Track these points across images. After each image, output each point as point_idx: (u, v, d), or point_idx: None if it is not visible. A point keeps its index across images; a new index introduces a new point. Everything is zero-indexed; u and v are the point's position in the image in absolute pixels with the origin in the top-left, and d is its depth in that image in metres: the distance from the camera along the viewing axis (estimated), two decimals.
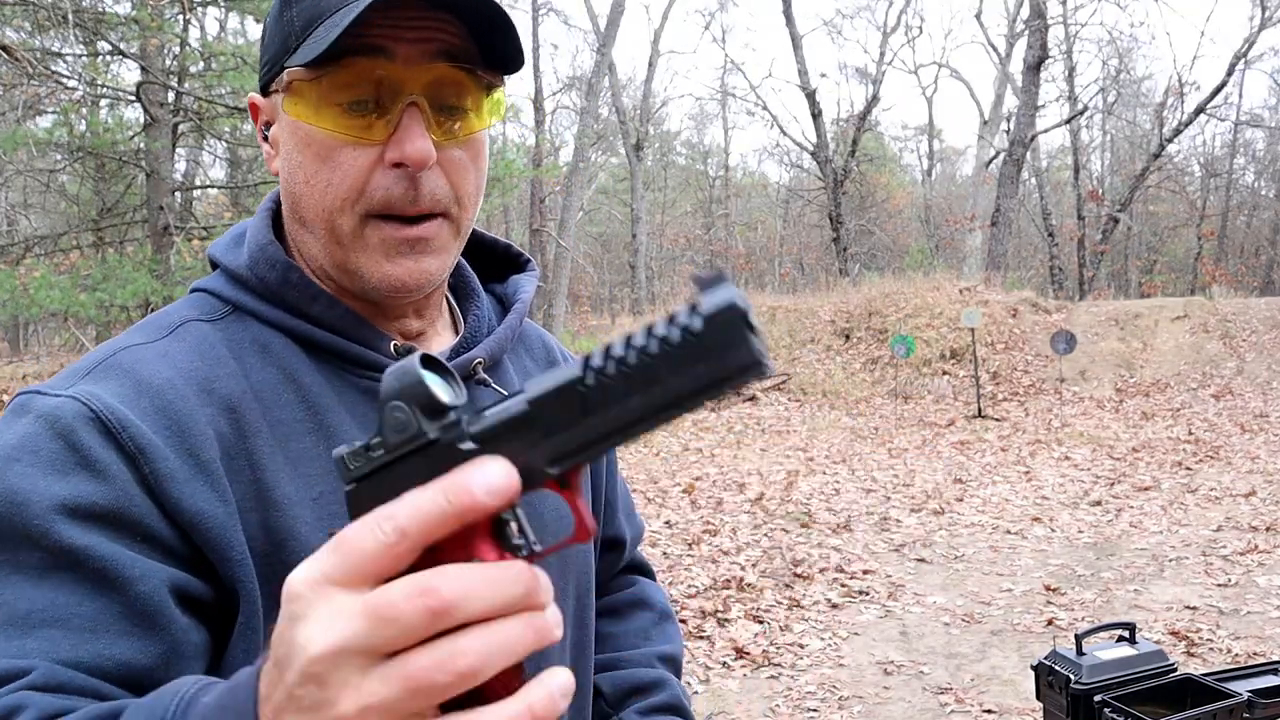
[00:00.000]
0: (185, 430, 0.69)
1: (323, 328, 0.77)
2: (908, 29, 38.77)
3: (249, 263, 0.78)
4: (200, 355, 0.73)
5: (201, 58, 11.07)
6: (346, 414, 0.76)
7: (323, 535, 0.64)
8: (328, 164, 0.74)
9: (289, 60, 0.73)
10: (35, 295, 8.33)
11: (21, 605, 0.63)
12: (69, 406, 0.67)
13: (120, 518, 0.65)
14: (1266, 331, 14.62)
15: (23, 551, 0.64)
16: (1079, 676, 1.19)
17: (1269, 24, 21.26)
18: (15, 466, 0.65)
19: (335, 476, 0.72)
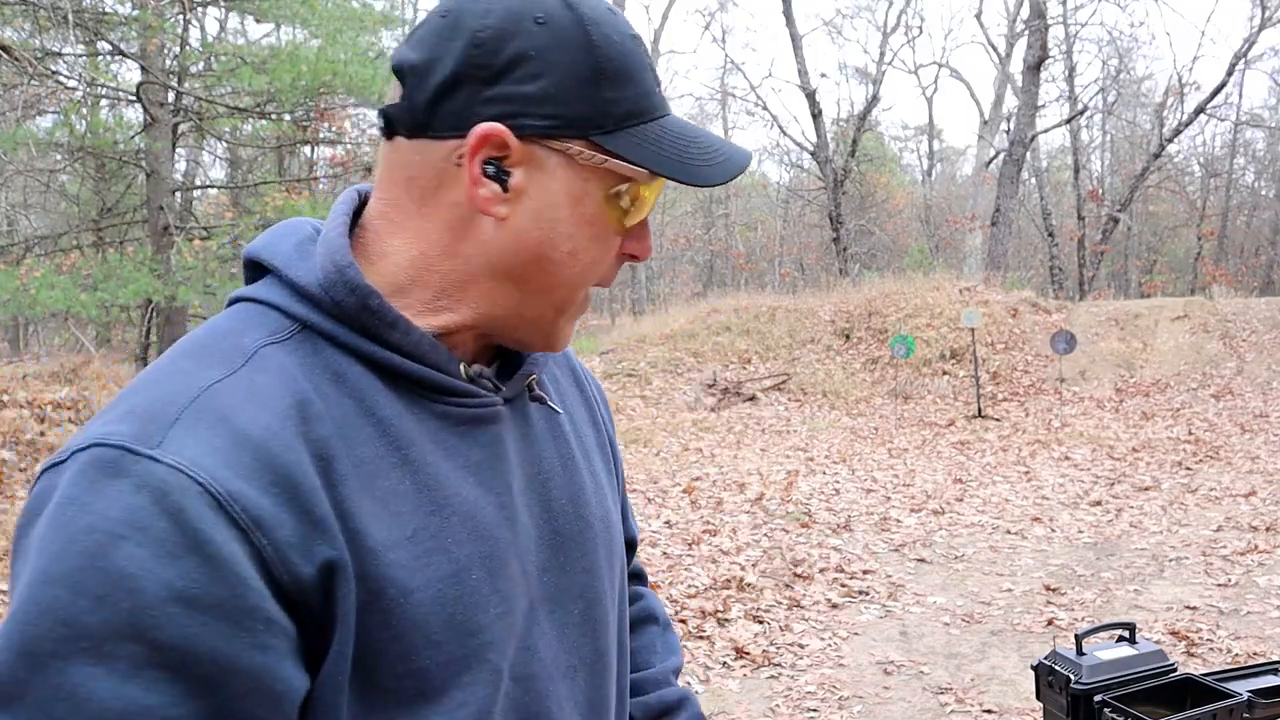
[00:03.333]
0: (295, 487, 0.64)
1: (402, 354, 0.73)
2: (908, 29, 38.78)
3: (323, 281, 0.72)
4: (288, 391, 0.68)
5: (201, 58, 11.08)
6: (428, 443, 0.73)
7: (417, 576, 0.68)
8: (600, 244, 0.75)
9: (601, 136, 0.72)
10: (36, 295, 8.34)
11: (115, 705, 0.58)
12: (175, 481, 0.60)
13: (236, 608, 0.61)
14: (1266, 331, 14.62)
15: (123, 642, 0.58)
16: (1079, 676, 1.19)
17: (1269, 24, 21.26)
18: (124, 546, 0.59)
19: (426, 511, 0.70)
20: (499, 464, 0.77)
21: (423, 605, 0.68)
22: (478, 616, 0.71)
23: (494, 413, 0.78)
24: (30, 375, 8.20)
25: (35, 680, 0.58)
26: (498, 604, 0.73)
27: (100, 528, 0.59)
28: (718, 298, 19.40)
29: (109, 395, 8.08)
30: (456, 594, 0.70)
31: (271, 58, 9.36)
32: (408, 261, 0.75)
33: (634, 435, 11.03)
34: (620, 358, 15.19)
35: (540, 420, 0.84)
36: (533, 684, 0.76)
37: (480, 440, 0.76)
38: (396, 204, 0.75)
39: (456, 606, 0.70)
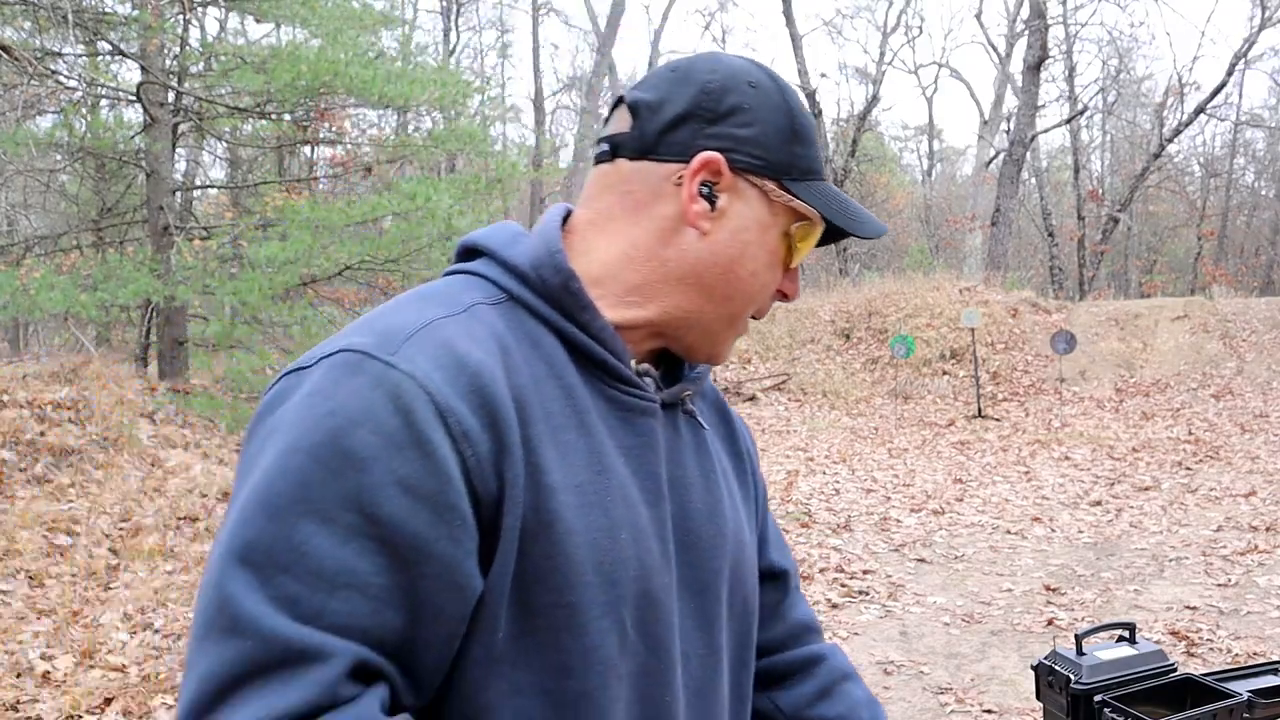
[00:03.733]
0: (496, 414, 0.75)
1: (589, 336, 0.85)
2: (908, 29, 38.78)
3: (532, 261, 0.85)
4: (495, 341, 0.80)
5: (201, 58, 11.07)
6: (597, 416, 0.83)
7: (580, 520, 0.79)
8: (770, 271, 0.90)
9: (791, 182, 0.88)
10: (36, 296, 8.32)
11: (330, 563, 0.68)
12: (407, 385, 0.72)
13: (442, 502, 0.72)
14: (1266, 331, 14.62)
15: (343, 510, 0.69)
16: (1079, 676, 1.19)
17: (1269, 24, 21.26)
18: (359, 432, 0.70)
19: (593, 470, 0.81)
20: (649, 453, 0.87)
21: (581, 547, 0.78)
22: (619, 572, 0.80)
23: (652, 408, 0.88)
24: (30, 375, 8.20)
25: (270, 529, 0.69)
26: (635, 568, 0.81)
27: (341, 413, 0.71)
28: None
29: (109, 395, 8.08)
30: (608, 546, 0.80)
31: (271, 58, 9.35)
32: (610, 258, 0.88)
33: None
34: None
35: (688, 433, 0.94)
36: (662, 654, 0.84)
37: (637, 429, 0.86)
38: (607, 213, 0.89)
39: (605, 557, 0.79)
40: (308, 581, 0.68)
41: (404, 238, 10.23)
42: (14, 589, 4.72)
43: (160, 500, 6.31)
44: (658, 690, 0.84)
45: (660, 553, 0.85)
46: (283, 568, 0.68)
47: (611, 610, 0.79)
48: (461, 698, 0.77)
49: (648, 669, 0.83)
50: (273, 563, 0.68)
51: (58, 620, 4.32)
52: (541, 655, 0.77)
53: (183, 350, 10.51)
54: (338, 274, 10.85)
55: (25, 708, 3.51)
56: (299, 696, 0.66)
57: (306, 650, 0.67)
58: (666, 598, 0.85)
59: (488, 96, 17.21)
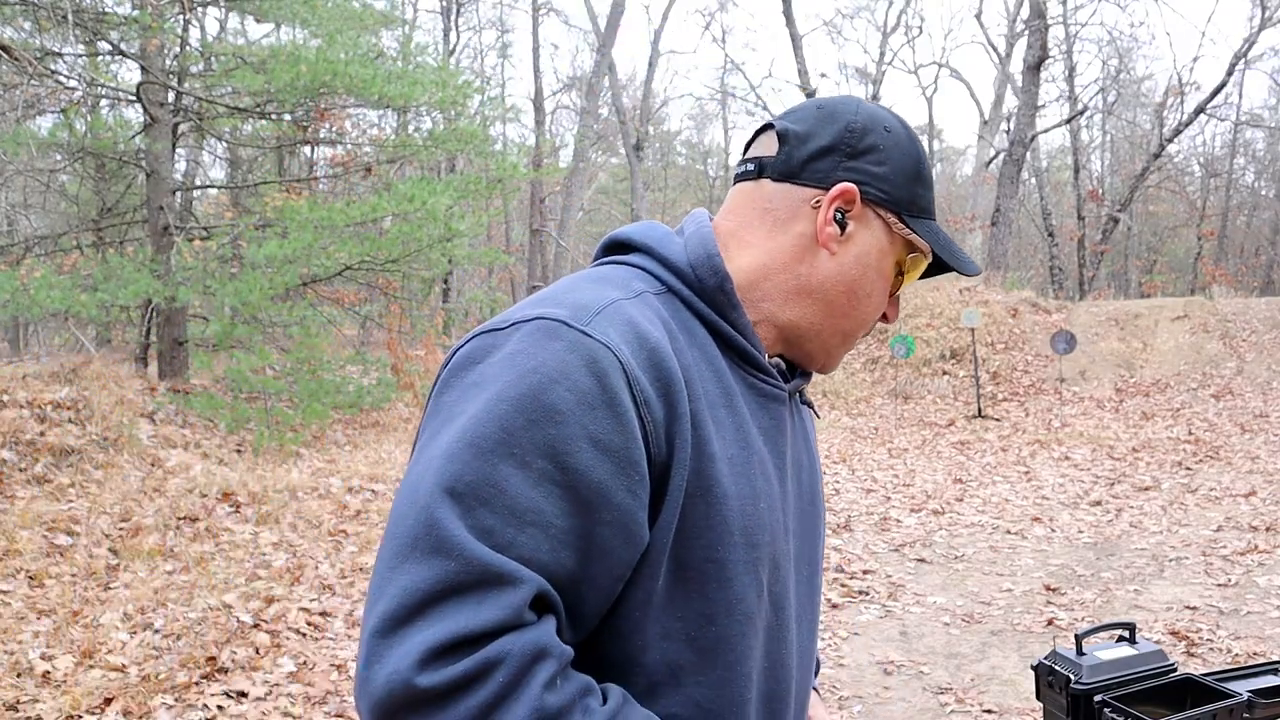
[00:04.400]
0: (670, 387, 0.85)
1: (735, 330, 0.96)
2: (908, 29, 38.78)
3: (690, 260, 0.96)
4: (663, 324, 0.90)
5: (202, 58, 11.07)
6: (741, 399, 0.94)
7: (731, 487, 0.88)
8: (878, 296, 1.01)
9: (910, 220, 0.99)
10: (36, 296, 8.32)
11: (522, 501, 0.78)
12: (602, 352, 0.82)
13: (625, 458, 0.81)
14: (1266, 331, 14.62)
15: (538, 456, 0.78)
16: (1079, 676, 1.19)
17: (1269, 24, 21.25)
18: (557, 389, 0.80)
19: (739, 445, 0.91)
20: (779, 436, 0.98)
21: (732, 511, 0.88)
22: (759, 535, 0.91)
23: (783, 396, 1.00)
24: (30, 375, 8.20)
25: (475, 465, 0.78)
26: (770, 533, 0.93)
27: (542, 371, 0.80)
28: None
29: (109, 395, 8.07)
30: (751, 512, 0.90)
31: (271, 58, 9.35)
32: (751, 268, 0.99)
33: None
34: None
35: (801, 423, 1.07)
36: (782, 612, 0.96)
37: (771, 413, 0.98)
38: (749, 226, 1.00)
39: (750, 521, 0.90)
40: (503, 516, 0.77)
41: (404, 238, 10.23)
42: (14, 589, 4.72)
43: (160, 500, 6.31)
44: (778, 646, 0.96)
45: (784, 524, 0.97)
46: (483, 501, 0.77)
47: (752, 569, 0.90)
48: (619, 636, 0.86)
49: (772, 625, 0.95)
50: (476, 496, 0.77)
51: (58, 620, 4.32)
52: (690, 604, 0.87)
53: (183, 350, 10.51)
54: (338, 274, 10.85)
55: (25, 708, 3.51)
56: (492, 615, 0.74)
57: (502, 575, 0.75)
58: (787, 563, 0.97)
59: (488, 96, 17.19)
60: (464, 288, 22.22)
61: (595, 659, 0.87)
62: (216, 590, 4.81)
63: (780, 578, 0.95)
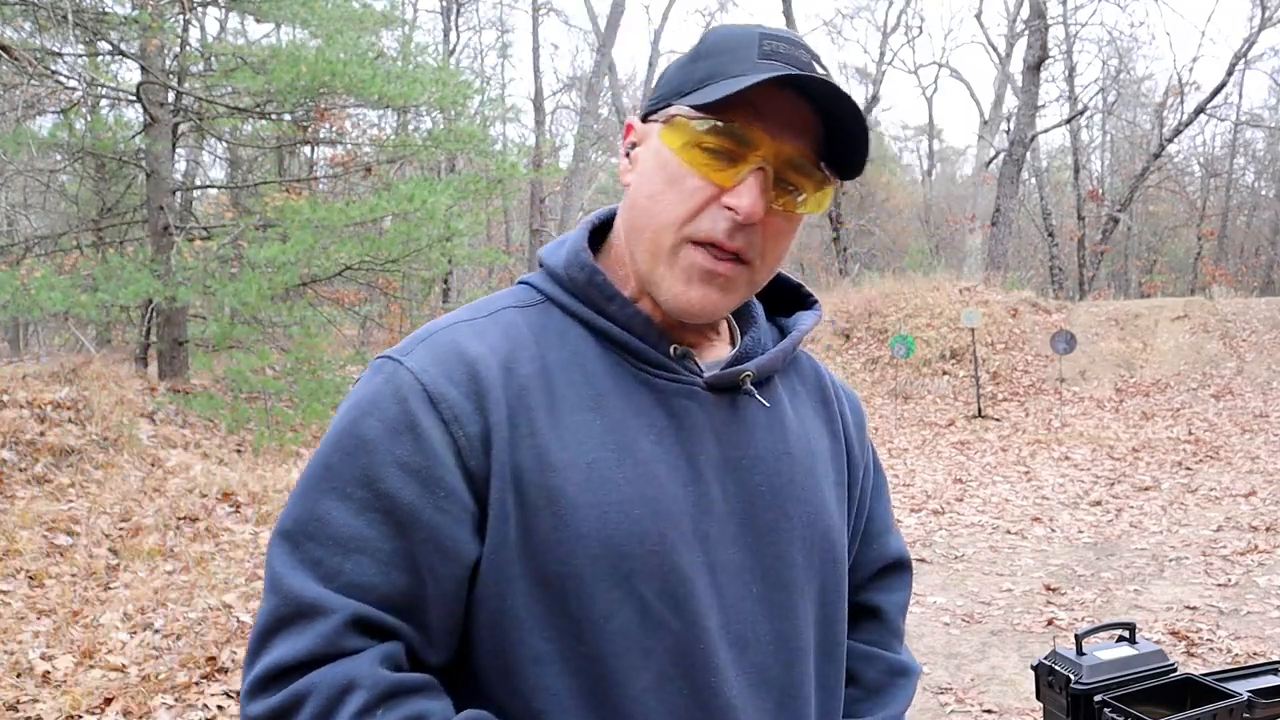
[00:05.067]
0: (486, 399, 0.84)
1: (616, 324, 0.90)
2: (908, 29, 38.78)
3: (564, 263, 0.93)
4: (507, 338, 0.89)
5: (202, 57, 11.06)
6: (620, 400, 0.88)
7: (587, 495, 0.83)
8: (674, 187, 0.87)
9: (680, 100, 0.88)
10: (36, 296, 8.32)
11: (345, 530, 0.81)
12: (407, 379, 0.84)
13: (429, 477, 0.82)
14: (1266, 331, 14.61)
15: (356, 487, 0.82)
16: (1079, 676, 1.19)
17: (1269, 24, 21.25)
18: (368, 420, 0.83)
19: (608, 449, 0.85)
20: (684, 434, 0.89)
21: (587, 520, 0.83)
22: (633, 548, 0.84)
23: (689, 391, 0.91)
24: (30, 375, 8.19)
25: (302, 503, 0.83)
26: (654, 543, 0.84)
27: (359, 406, 0.85)
28: None
29: (109, 395, 8.07)
30: (618, 520, 0.84)
31: (271, 58, 9.34)
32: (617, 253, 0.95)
33: None
34: None
35: (759, 415, 0.95)
36: (697, 635, 0.86)
37: (669, 410, 0.89)
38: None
39: (615, 530, 0.83)
40: (329, 546, 0.81)
41: (404, 238, 10.23)
42: (14, 589, 4.72)
43: (160, 500, 6.31)
44: (699, 671, 0.85)
45: (699, 534, 0.87)
46: (310, 535, 0.81)
47: (623, 582, 0.83)
48: (488, 657, 0.85)
49: (684, 646, 0.85)
50: (303, 532, 0.82)
51: (58, 620, 4.32)
52: (554, 621, 0.83)
53: (183, 350, 10.51)
54: (338, 274, 10.84)
55: (25, 708, 3.51)
56: (305, 645, 0.79)
57: (315, 605, 0.79)
58: (699, 574, 0.86)
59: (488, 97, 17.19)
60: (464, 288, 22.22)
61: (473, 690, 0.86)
62: (216, 590, 4.81)
63: (690, 590, 0.85)
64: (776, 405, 0.97)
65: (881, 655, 1.08)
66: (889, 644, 1.09)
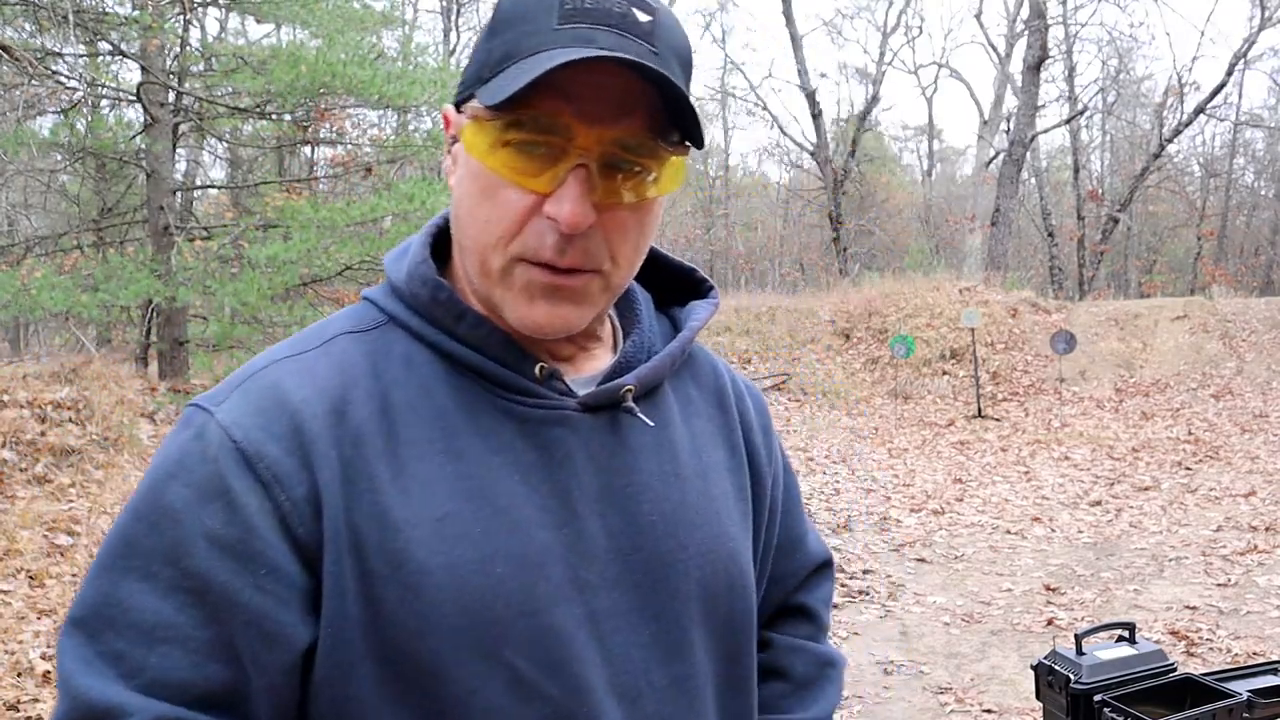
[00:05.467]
0: (310, 451, 0.71)
1: (469, 346, 0.77)
2: (908, 29, 38.79)
3: (406, 277, 0.80)
4: (340, 373, 0.75)
5: (202, 58, 11.07)
6: (477, 436, 0.75)
7: (439, 557, 0.71)
8: (490, 201, 0.73)
9: (480, 88, 0.73)
10: (37, 296, 8.33)
11: (150, 617, 0.69)
12: (216, 435, 0.71)
13: (245, 552, 0.70)
14: (1266, 331, 14.62)
15: (161, 565, 0.69)
16: (1079, 676, 1.19)
17: (1269, 24, 21.25)
18: (174, 485, 0.71)
19: (461, 498, 0.73)
20: (555, 468, 0.76)
21: (442, 587, 0.71)
22: (499, 612, 0.72)
23: (560, 416, 0.77)
24: (30, 375, 8.19)
25: (99, 587, 0.70)
26: (523, 604, 0.73)
27: (164, 468, 0.72)
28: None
29: (109, 395, 8.07)
30: (479, 584, 0.72)
31: (271, 58, 9.35)
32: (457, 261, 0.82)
33: None
34: None
35: (644, 435, 0.82)
36: (580, 698, 0.74)
37: (537, 441, 0.76)
38: None
39: (475, 596, 0.71)
40: (130, 637, 0.68)
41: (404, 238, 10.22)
42: (14, 589, 4.72)
43: None
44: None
45: (576, 581, 0.75)
46: (108, 623, 0.68)
47: (490, 652, 0.71)
48: None
49: (564, 713, 0.73)
50: (100, 618, 0.69)
51: (58, 620, 4.32)
52: (410, 703, 0.71)
53: (183, 350, 10.51)
54: (338, 274, 10.84)
55: (25, 708, 3.51)
56: None
57: (111, 711, 0.66)
58: (578, 629, 0.75)
59: None
60: None
61: None
62: None
63: (568, 650, 0.74)
64: (664, 420, 0.84)
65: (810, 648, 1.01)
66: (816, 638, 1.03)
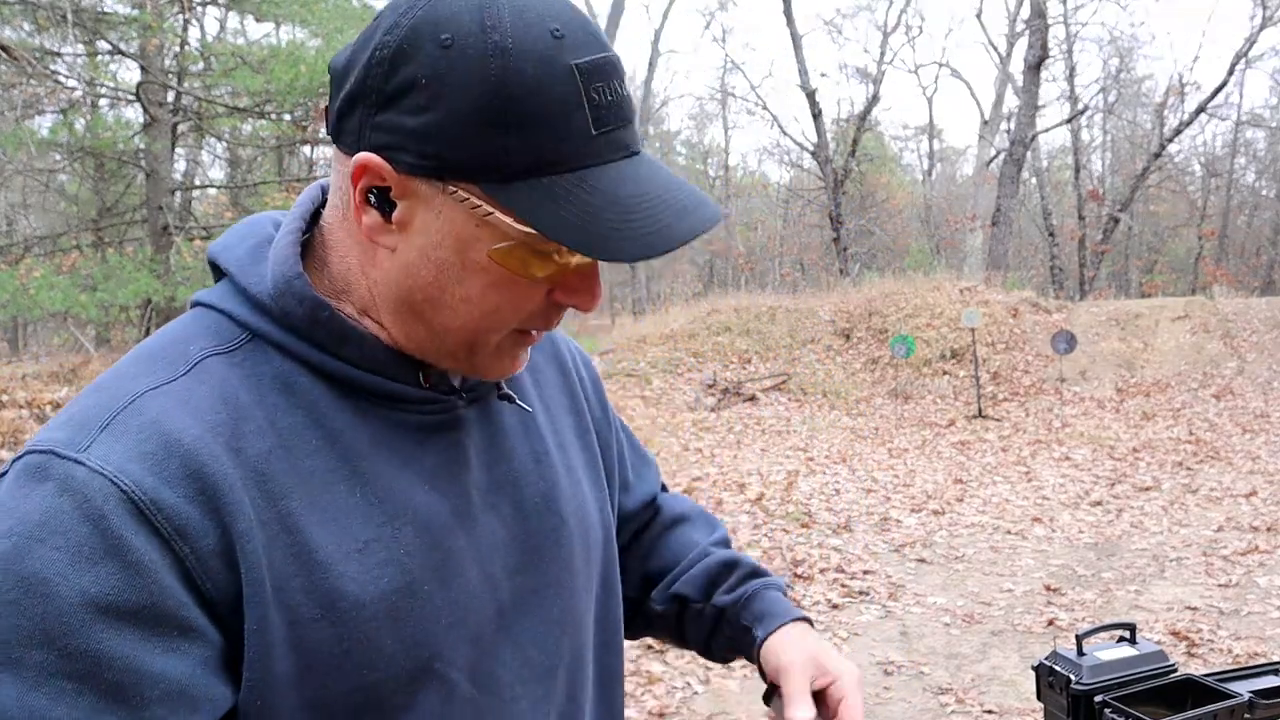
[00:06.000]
0: (219, 500, 0.63)
1: (353, 365, 0.71)
2: (908, 29, 38.84)
3: (273, 292, 0.70)
4: (225, 404, 0.66)
5: (201, 58, 11.08)
6: (381, 452, 0.71)
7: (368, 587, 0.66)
8: (502, 292, 0.68)
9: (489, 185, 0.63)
10: (36, 296, 8.34)
11: (15, 714, 0.56)
12: (97, 485, 0.59)
13: (152, 615, 0.60)
14: (1267, 331, 14.61)
15: (32, 650, 0.57)
16: (1079, 677, 1.18)
17: (1269, 23, 21.26)
18: (38, 550, 0.58)
19: (377, 524, 0.69)
20: (456, 469, 0.75)
21: (375, 619, 0.67)
22: (429, 627, 0.70)
23: (452, 418, 0.76)
24: (29, 375, 8.20)
25: None
26: (449, 615, 0.71)
27: (18, 531, 0.58)
28: (718, 298, 19.40)
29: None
30: (409, 606, 0.69)
31: (271, 58, 9.36)
32: (339, 273, 0.72)
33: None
34: (620, 358, 15.19)
35: (512, 416, 0.82)
36: (498, 690, 0.75)
37: (436, 447, 0.74)
38: (336, 211, 0.72)
39: (408, 619, 0.69)
40: None
41: None
42: None
43: None
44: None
45: (487, 577, 0.75)
46: None
47: (423, 670, 0.70)
48: None
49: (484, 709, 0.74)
50: None
51: None
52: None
53: None
54: None
55: None
56: None
57: None
58: (500, 625, 0.75)
59: None
60: None
61: None
62: None
63: (491, 653, 0.74)
64: (524, 399, 0.85)
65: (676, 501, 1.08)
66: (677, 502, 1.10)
